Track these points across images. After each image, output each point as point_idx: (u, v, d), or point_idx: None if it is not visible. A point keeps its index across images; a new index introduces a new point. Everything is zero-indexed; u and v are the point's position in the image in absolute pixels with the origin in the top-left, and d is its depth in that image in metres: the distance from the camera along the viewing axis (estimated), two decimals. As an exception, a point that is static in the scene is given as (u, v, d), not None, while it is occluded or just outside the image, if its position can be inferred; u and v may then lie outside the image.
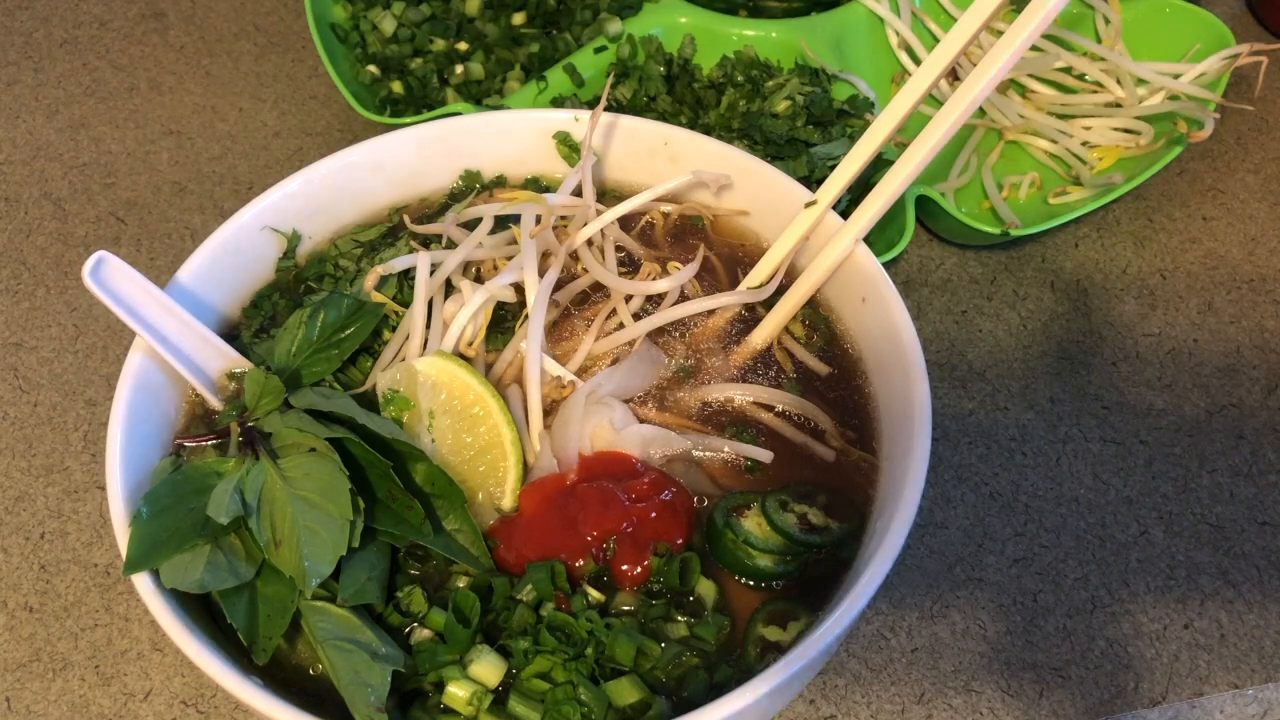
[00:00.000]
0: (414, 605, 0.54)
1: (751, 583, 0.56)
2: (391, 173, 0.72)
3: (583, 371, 0.62)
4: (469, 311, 0.61)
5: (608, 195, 0.72)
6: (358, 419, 0.55)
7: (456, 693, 0.51)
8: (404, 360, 0.61)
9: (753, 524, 0.56)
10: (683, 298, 0.65)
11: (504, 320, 0.65)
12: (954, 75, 0.91)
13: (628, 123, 0.72)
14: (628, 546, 0.55)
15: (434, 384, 0.58)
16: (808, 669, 0.51)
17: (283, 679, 0.53)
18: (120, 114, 0.97)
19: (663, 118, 0.83)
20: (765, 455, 0.59)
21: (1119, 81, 0.91)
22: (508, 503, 0.57)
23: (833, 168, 0.69)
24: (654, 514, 0.56)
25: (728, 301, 0.65)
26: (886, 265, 0.66)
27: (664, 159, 0.72)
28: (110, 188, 0.91)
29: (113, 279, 0.60)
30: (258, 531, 0.52)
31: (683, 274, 0.65)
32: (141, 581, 0.51)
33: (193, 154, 0.94)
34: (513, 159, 0.74)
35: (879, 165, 0.74)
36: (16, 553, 0.69)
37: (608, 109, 0.71)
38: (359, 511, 0.52)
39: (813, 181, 0.79)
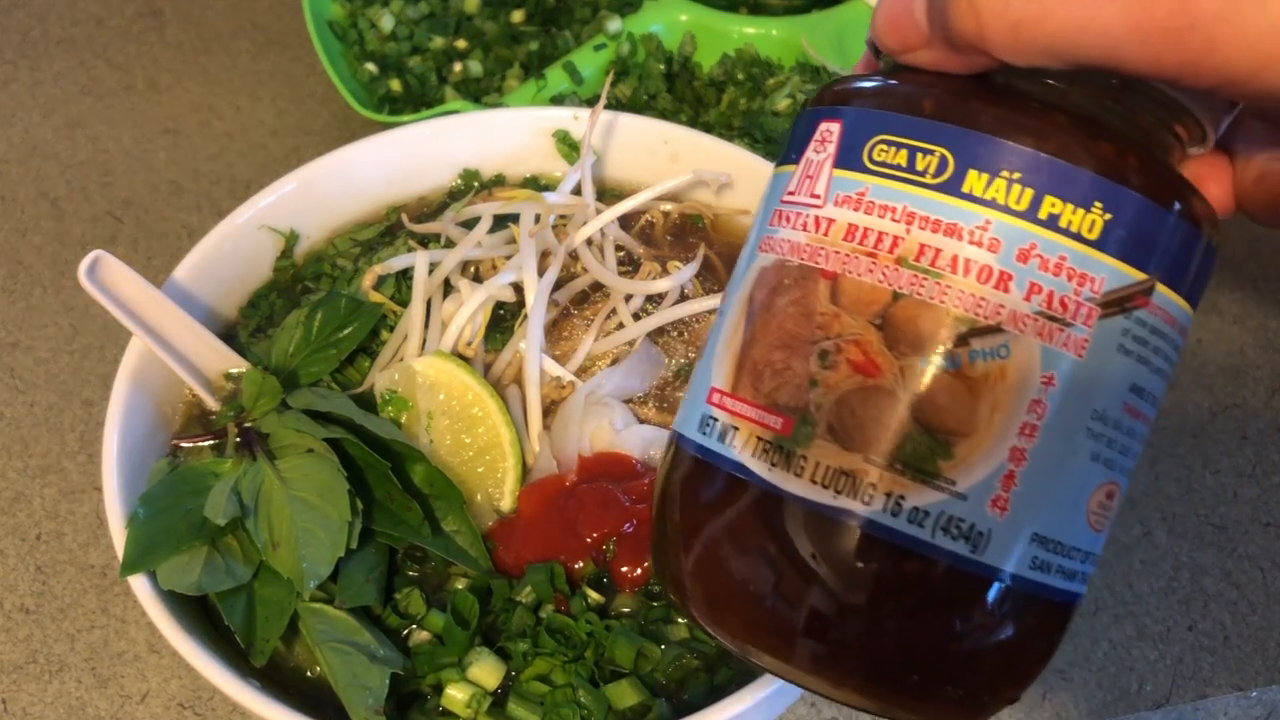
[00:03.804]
0: (412, 607, 0.54)
1: (752, 584, 0.55)
2: (390, 171, 0.72)
3: (582, 371, 0.62)
4: (468, 311, 0.61)
5: (607, 194, 0.72)
6: (356, 419, 0.55)
7: (455, 695, 0.50)
8: (402, 360, 0.61)
9: (754, 525, 0.56)
10: (683, 297, 0.65)
11: (503, 320, 0.64)
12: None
13: (627, 121, 0.72)
14: (628, 548, 0.55)
15: (432, 384, 0.58)
16: (809, 671, 0.50)
17: (280, 681, 0.52)
18: (117, 113, 0.97)
19: (663, 116, 0.82)
20: (766, 456, 0.59)
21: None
22: (507, 504, 0.56)
23: (834, 166, 0.69)
24: (654, 515, 0.55)
25: (728, 301, 0.64)
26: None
27: (664, 157, 0.71)
28: (107, 187, 0.91)
29: (109, 278, 0.59)
30: (255, 533, 0.52)
31: (683, 273, 0.65)
32: (138, 583, 0.51)
33: (190, 153, 0.94)
34: (512, 157, 0.74)
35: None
36: (13, 554, 0.69)
37: (607, 107, 0.71)
38: (357, 513, 0.52)
39: (813, 180, 0.78)
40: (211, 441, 0.59)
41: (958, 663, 0.35)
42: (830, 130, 0.37)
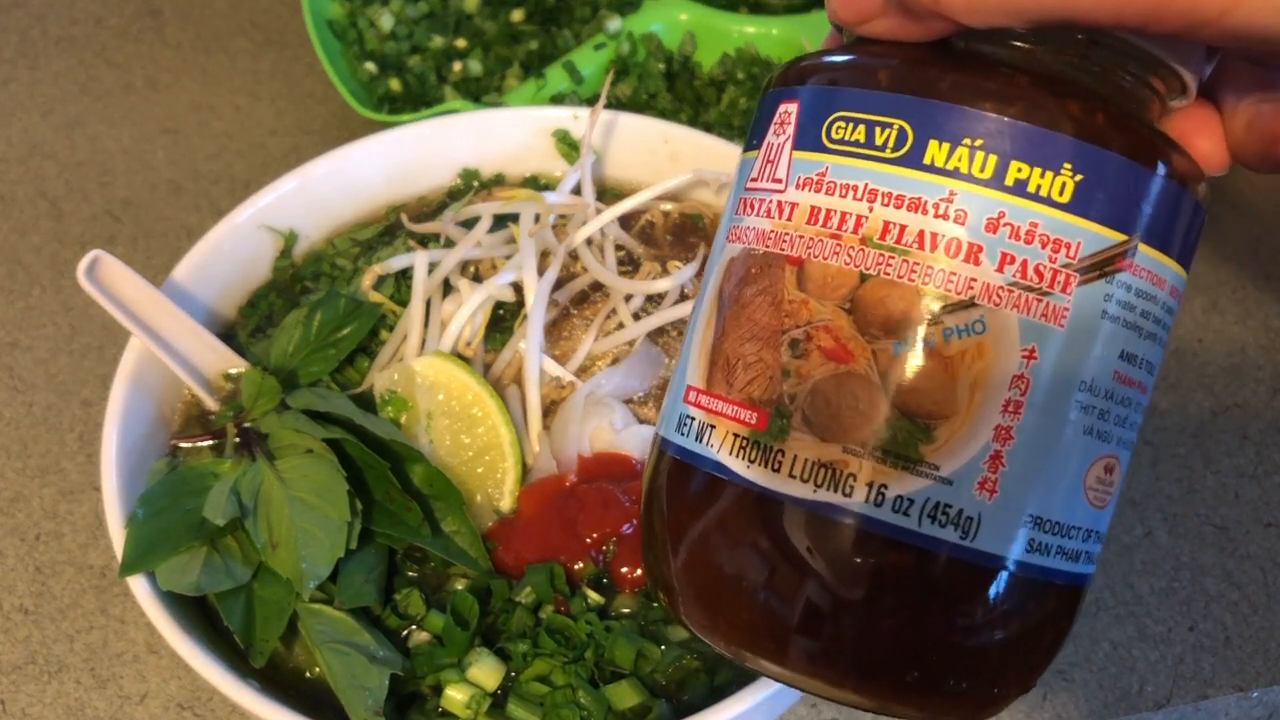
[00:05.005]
0: (412, 608, 0.53)
1: (753, 585, 0.55)
2: (389, 171, 0.71)
3: (582, 371, 0.62)
4: (467, 311, 0.61)
5: (607, 194, 0.72)
6: (355, 420, 0.54)
7: (455, 695, 0.50)
8: (401, 360, 0.61)
9: (754, 526, 0.56)
10: (683, 297, 0.65)
11: (503, 320, 0.64)
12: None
13: (627, 120, 0.72)
14: (628, 548, 0.55)
15: (432, 384, 0.58)
16: (810, 672, 0.50)
17: (280, 682, 0.52)
18: (116, 112, 0.97)
19: (663, 115, 0.82)
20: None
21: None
22: (506, 504, 0.56)
23: (834, 166, 0.69)
24: (654, 515, 0.55)
25: (728, 301, 0.64)
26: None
27: (664, 157, 0.71)
28: (106, 186, 0.91)
29: (108, 278, 0.59)
30: (255, 533, 0.52)
31: (683, 273, 0.64)
32: (137, 584, 0.51)
33: (189, 152, 0.93)
34: (511, 157, 0.74)
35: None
36: (12, 554, 0.69)
37: (607, 107, 0.71)
38: (356, 513, 0.52)
39: (814, 180, 0.78)
40: (211, 442, 0.59)
41: (959, 655, 0.34)
42: (788, 111, 0.36)
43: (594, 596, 0.53)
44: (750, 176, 0.37)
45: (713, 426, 0.35)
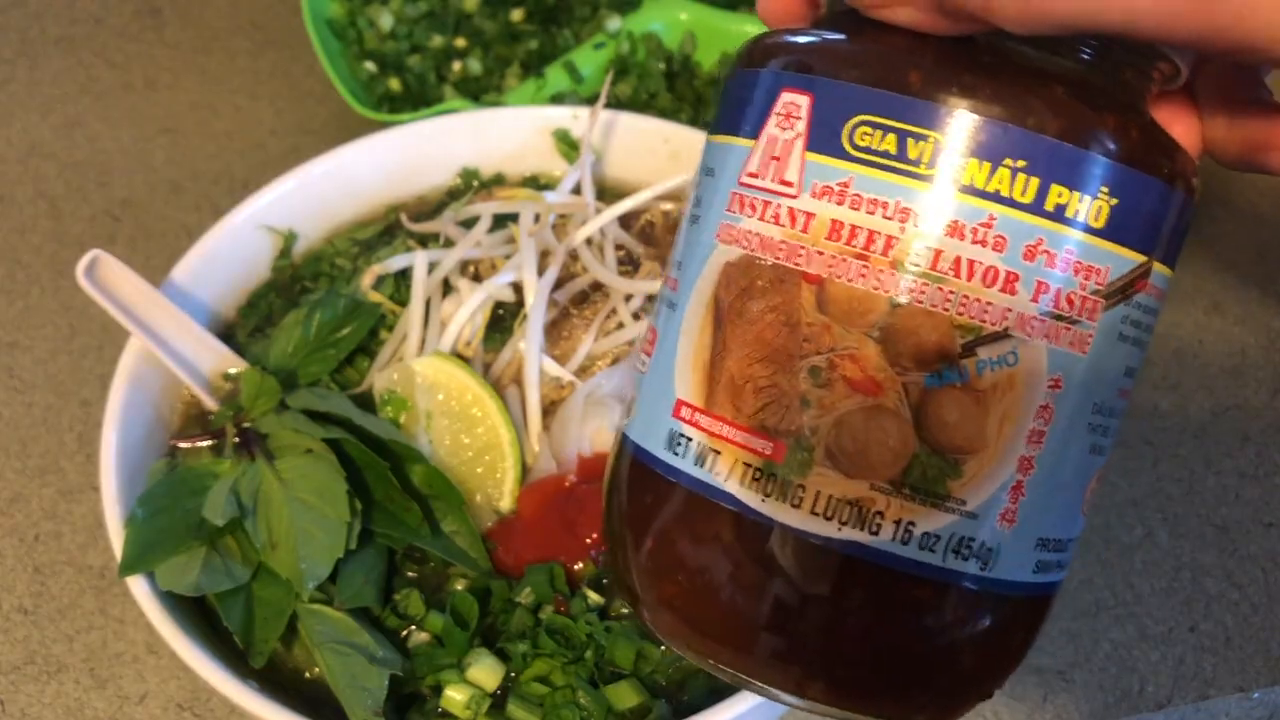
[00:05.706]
0: (411, 608, 0.53)
1: (753, 585, 0.55)
2: (388, 171, 0.71)
3: (582, 372, 0.62)
4: (467, 311, 0.61)
5: (607, 193, 0.71)
6: (354, 420, 0.54)
7: (454, 696, 0.50)
8: (401, 360, 0.61)
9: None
10: (683, 297, 0.65)
11: (502, 320, 0.64)
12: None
13: (627, 120, 0.72)
14: (628, 548, 0.54)
15: (431, 384, 0.58)
16: (810, 673, 0.50)
17: (279, 682, 0.52)
18: (115, 112, 0.97)
19: (663, 115, 0.82)
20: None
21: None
22: (506, 504, 0.56)
23: (834, 166, 0.68)
24: (654, 516, 0.55)
25: (729, 301, 0.64)
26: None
27: (664, 156, 0.71)
28: (105, 186, 0.91)
29: (107, 278, 0.59)
30: (254, 533, 0.51)
31: (683, 273, 0.64)
32: (137, 584, 0.51)
33: (188, 152, 0.93)
34: (511, 156, 0.73)
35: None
36: (11, 555, 0.69)
37: (607, 106, 0.71)
38: (356, 513, 0.52)
39: (814, 179, 0.78)
40: (210, 442, 0.59)
41: (963, 676, 0.34)
42: (796, 104, 0.33)
43: (594, 597, 0.53)
44: (747, 170, 0.34)
45: (717, 452, 0.33)
